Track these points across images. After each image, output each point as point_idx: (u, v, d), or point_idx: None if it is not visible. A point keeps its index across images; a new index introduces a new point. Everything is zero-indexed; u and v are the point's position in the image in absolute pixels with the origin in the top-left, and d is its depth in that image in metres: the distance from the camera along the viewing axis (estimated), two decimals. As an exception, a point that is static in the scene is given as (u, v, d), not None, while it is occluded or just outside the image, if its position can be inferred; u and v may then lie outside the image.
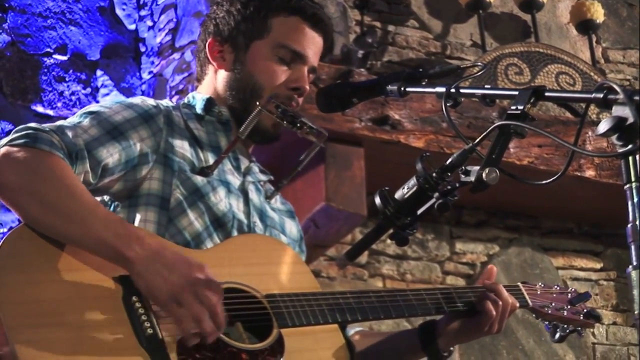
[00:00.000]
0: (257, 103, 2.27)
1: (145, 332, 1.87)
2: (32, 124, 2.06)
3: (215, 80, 2.41)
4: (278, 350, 2.01)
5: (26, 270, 1.87)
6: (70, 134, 2.08)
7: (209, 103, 2.37)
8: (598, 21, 5.30)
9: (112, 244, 1.90)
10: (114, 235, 1.91)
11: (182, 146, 2.23)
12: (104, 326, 1.86)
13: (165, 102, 2.33)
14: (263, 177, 2.44)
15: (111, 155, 2.12)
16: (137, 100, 2.26)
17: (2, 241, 1.88)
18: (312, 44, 2.39)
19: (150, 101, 2.28)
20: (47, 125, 2.07)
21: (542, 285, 2.50)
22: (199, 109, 2.37)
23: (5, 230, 4.24)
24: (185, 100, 2.43)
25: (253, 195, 2.34)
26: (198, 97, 2.40)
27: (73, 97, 4.72)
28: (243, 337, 2.00)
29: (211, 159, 2.26)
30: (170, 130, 2.23)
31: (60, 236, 1.92)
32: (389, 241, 1.94)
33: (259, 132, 2.31)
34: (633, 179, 1.51)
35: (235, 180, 2.31)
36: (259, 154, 2.55)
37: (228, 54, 2.39)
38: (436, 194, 1.84)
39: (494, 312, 2.25)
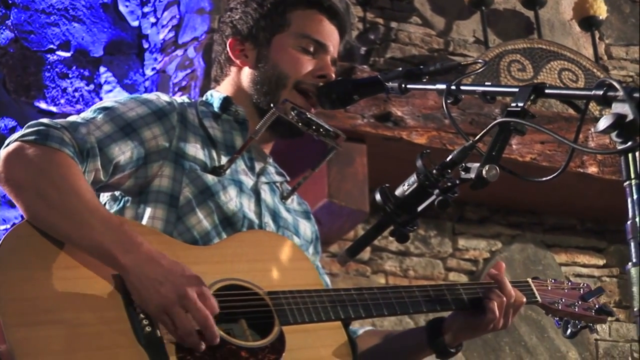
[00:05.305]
0: (272, 105, 2.25)
1: (144, 330, 1.87)
2: (45, 120, 2.06)
3: (238, 79, 2.38)
4: (279, 347, 1.99)
5: (25, 268, 1.87)
6: (82, 130, 2.08)
7: (226, 102, 2.34)
8: (601, 17, 5.29)
9: (107, 249, 1.90)
10: (111, 240, 1.91)
11: (195, 145, 2.22)
12: (102, 323, 1.86)
13: (181, 99, 2.32)
14: (278, 179, 2.42)
15: (123, 153, 2.12)
16: (151, 96, 2.25)
17: (3, 238, 1.88)
18: (331, 35, 2.39)
19: (165, 97, 2.27)
20: (59, 121, 2.07)
21: (553, 281, 2.47)
22: (215, 107, 2.35)
23: (9, 226, 4.25)
24: (204, 97, 2.41)
25: (266, 196, 2.32)
26: (216, 96, 2.37)
27: (76, 94, 4.72)
28: (246, 334, 1.99)
29: (224, 159, 2.25)
30: (184, 128, 2.22)
31: (59, 235, 1.93)
32: (391, 237, 1.95)
33: (281, 124, 2.26)
34: (633, 175, 1.52)
35: (248, 180, 2.29)
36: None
37: (250, 51, 2.37)
38: (436, 191, 1.84)
39: (497, 310, 2.23)
